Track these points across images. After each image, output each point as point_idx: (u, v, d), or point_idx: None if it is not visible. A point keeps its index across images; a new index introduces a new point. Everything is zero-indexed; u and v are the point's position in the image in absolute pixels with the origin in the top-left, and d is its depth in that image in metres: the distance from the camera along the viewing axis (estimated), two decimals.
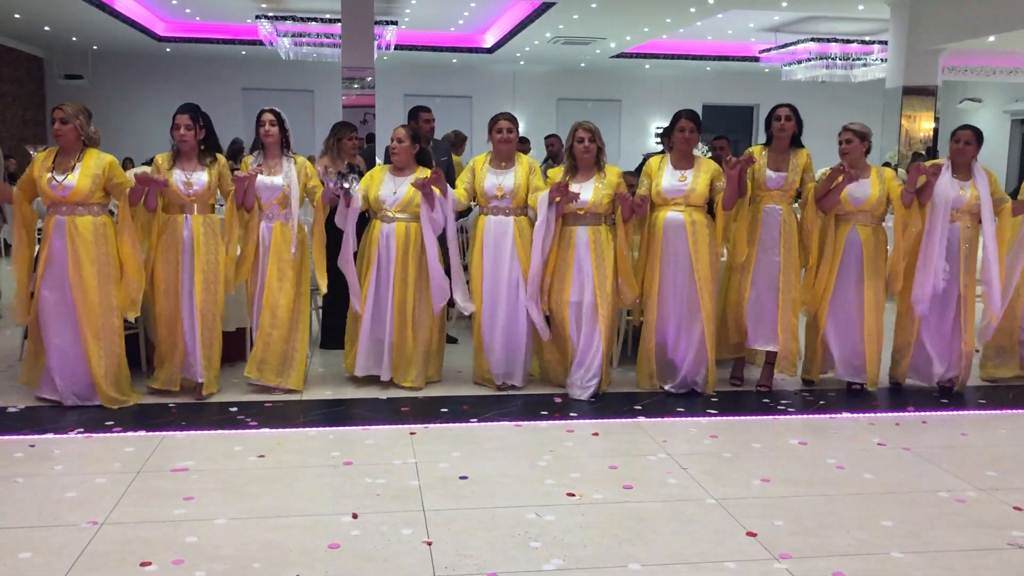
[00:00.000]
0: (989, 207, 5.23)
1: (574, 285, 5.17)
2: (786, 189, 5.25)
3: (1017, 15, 10.97)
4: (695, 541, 3.31)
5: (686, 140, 5.19)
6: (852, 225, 5.27)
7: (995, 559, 3.21)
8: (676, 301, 5.22)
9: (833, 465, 4.17)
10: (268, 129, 5.16)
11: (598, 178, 5.17)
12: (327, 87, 18.55)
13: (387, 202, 5.21)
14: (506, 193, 5.23)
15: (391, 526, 3.38)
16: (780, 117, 5.27)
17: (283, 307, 5.13)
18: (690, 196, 5.14)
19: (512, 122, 5.32)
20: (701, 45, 18.45)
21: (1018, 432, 4.76)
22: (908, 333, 5.44)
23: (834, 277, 5.30)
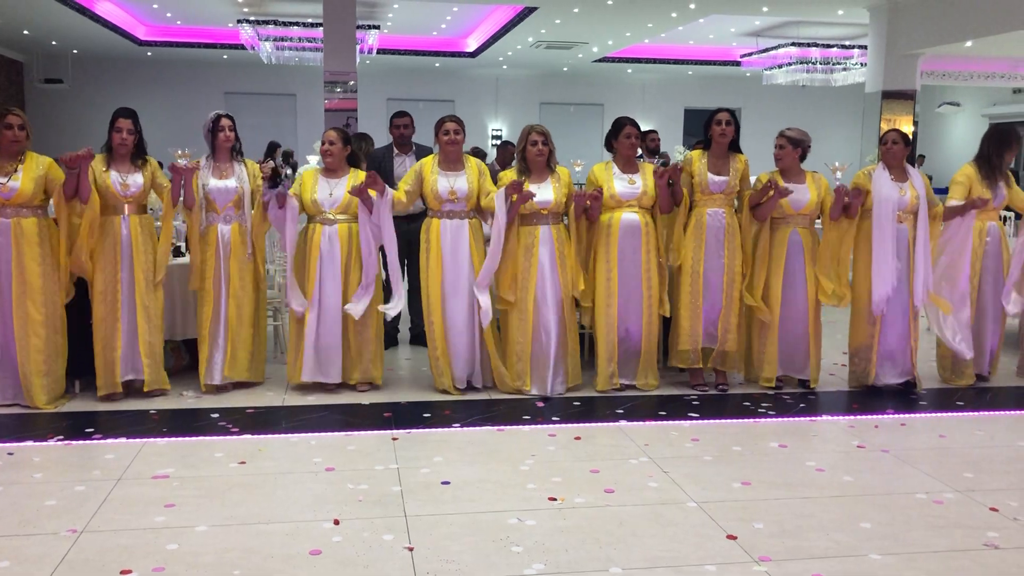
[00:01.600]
0: (925, 205, 5.39)
1: (538, 284, 5.25)
2: (728, 192, 5.35)
3: (993, 20, 11.10)
4: (676, 544, 3.33)
5: (632, 146, 5.37)
6: (793, 228, 5.39)
7: (971, 560, 3.24)
8: (630, 301, 5.34)
9: (813, 468, 4.20)
10: (228, 134, 5.26)
11: (553, 179, 5.31)
12: (310, 91, 18.51)
13: (325, 204, 5.26)
14: (460, 196, 5.29)
15: (373, 532, 3.38)
16: (721, 122, 5.36)
17: (247, 304, 5.30)
18: (642, 198, 5.31)
19: (458, 124, 5.40)
20: (683, 49, 18.54)
21: (995, 434, 4.82)
22: (868, 335, 5.51)
23: (780, 279, 5.38)
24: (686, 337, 5.42)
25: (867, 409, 5.22)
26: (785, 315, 5.45)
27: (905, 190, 5.39)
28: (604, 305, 5.35)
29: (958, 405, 5.36)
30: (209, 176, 5.24)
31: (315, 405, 5.13)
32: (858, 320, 5.56)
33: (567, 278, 5.30)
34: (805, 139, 5.44)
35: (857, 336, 5.59)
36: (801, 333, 5.48)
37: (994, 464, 4.32)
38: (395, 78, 19.94)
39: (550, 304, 5.28)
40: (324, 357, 5.31)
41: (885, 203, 5.33)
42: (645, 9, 13.21)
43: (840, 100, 19.67)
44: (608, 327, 5.36)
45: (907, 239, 5.42)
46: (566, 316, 5.34)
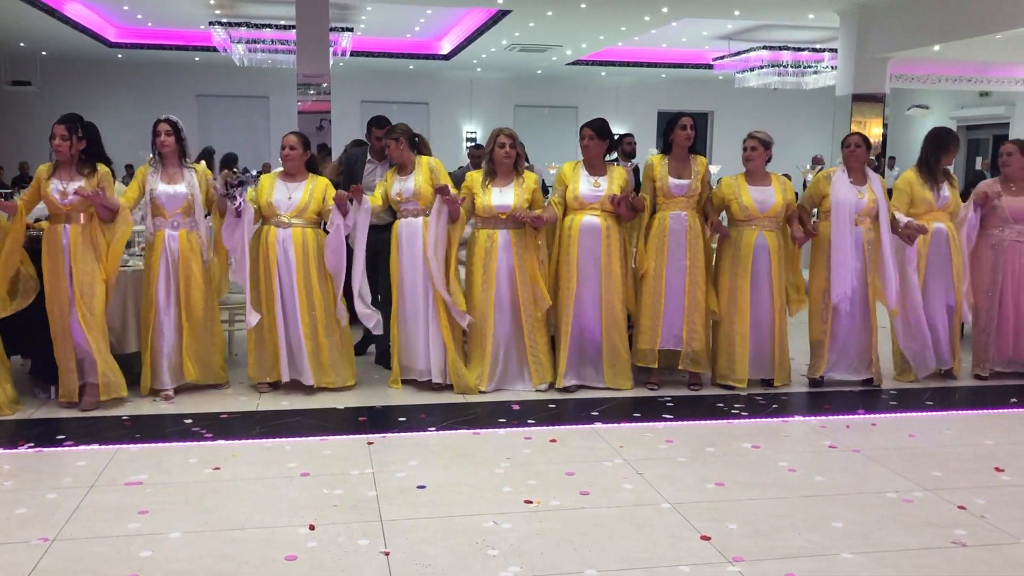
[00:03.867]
0: (885, 208, 5.49)
1: (497, 288, 5.30)
2: (690, 195, 5.42)
3: (959, 25, 11.28)
4: (650, 546, 3.35)
5: (585, 147, 5.43)
6: (759, 230, 5.46)
7: (940, 557, 3.30)
8: (590, 303, 5.38)
9: (785, 468, 4.25)
10: (164, 139, 5.18)
11: (517, 183, 5.34)
12: (283, 93, 18.43)
13: (281, 207, 5.25)
14: (407, 196, 5.37)
15: (348, 537, 3.38)
16: (686, 126, 5.43)
17: (197, 311, 5.23)
18: (605, 202, 5.34)
19: (386, 129, 5.56)
20: (656, 52, 18.65)
21: (963, 433, 4.89)
22: (820, 332, 5.63)
23: (747, 282, 5.45)
24: (645, 337, 5.47)
25: (838, 410, 5.28)
26: (753, 317, 5.51)
27: (863, 193, 5.48)
28: (563, 306, 5.41)
29: (927, 405, 5.44)
30: (158, 181, 5.17)
31: (290, 410, 5.11)
32: (812, 315, 5.69)
33: (528, 283, 5.33)
34: (772, 141, 5.54)
35: (813, 331, 5.71)
36: (767, 334, 5.55)
37: (962, 463, 4.38)
38: (369, 80, 19.89)
39: (507, 309, 5.34)
40: (296, 360, 5.32)
41: (843, 205, 5.45)
42: (617, 13, 13.29)
43: (811, 103, 19.88)
44: (566, 327, 5.40)
45: (863, 241, 5.51)
46: (527, 320, 5.36)
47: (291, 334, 5.29)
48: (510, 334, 5.41)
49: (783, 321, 5.59)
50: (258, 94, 19.79)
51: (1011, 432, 4.94)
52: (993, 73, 15.92)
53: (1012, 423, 5.13)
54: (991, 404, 5.49)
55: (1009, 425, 5.09)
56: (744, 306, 5.48)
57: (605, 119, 5.56)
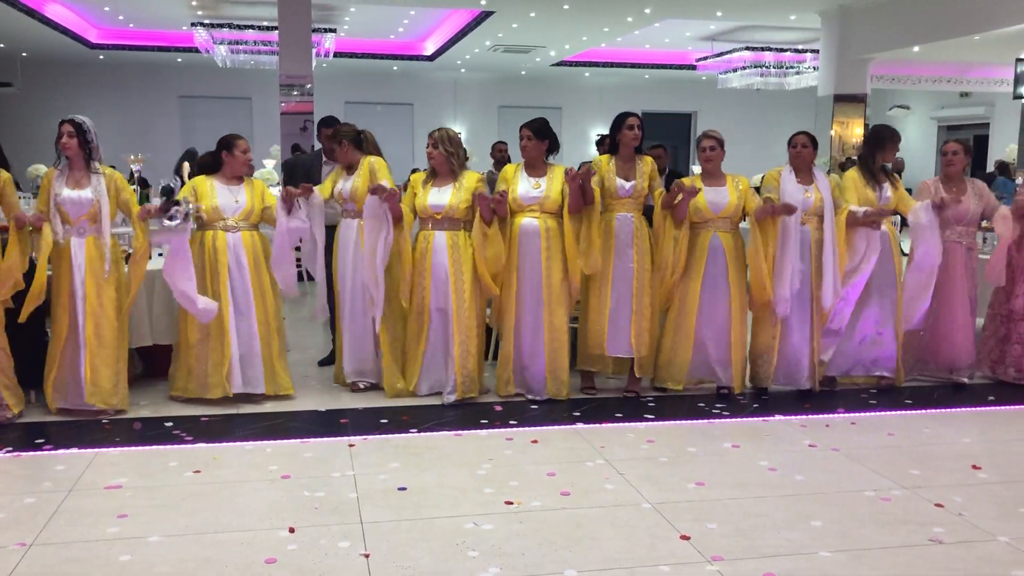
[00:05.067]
0: (831, 208, 5.45)
1: (432, 289, 5.26)
2: (636, 196, 5.37)
3: (938, 27, 11.38)
4: (630, 546, 3.37)
5: (523, 148, 5.38)
6: (713, 232, 5.41)
7: (917, 555, 3.32)
8: (531, 307, 5.33)
9: (765, 467, 4.27)
10: (66, 141, 4.89)
11: (456, 184, 5.30)
12: (265, 94, 18.37)
13: (228, 211, 5.17)
14: (345, 197, 5.41)
15: (329, 539, 3.37)
16: (633, 126, 5.39)
17: (107, 324, 4.94)
18: (544, 203, 5.29)
19: (335, 131, 5.57)
20: (639, 53, 18.71)
21: (941, 431, 4.93)
22: (769, 336, 5.52)
23: (699, 284, 5.40)
24: (593, 342, 5.42)
25: (819, 409, 5.31)
26: (705, 320, 5.44)
27: (810, 192, 5.44)
28: (505, 311, 5.37)
29: (907, 404, 5.48)
30: (63, 186, 4.90)
31: (271, 412, 5.09)
32: (762, 322, 5.56)
33: (464, 286, 5.28)
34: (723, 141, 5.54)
35: (761, 338, 5.59)
36: (722, 338, 5.45)
37: (940, 461, 4.42)
38: (353, 81, 19.86)
39: (441, 312, 5.26)
40: (252, 368, 5.20)
41: None
42: (600, 13, 13.33)
43: (793, 103, 19.97)
44: (506, 332, 5.37)
45: (810, 241, 5.45)
46: (460, 325, 5.27)
47: (243, 342, 5.17)
48: (443, 338, 5.30)
49: (741, 324, 5.52)
50: (241, 95, 19.73)
51: (989, 430, 4.99)
52: (972, 74, 16.07)
53: (990, 421, 5.18)
54: (969, 402, 5.54)
55: (987, 423, 5.14)
56: (692, 308, 5.42)
57: (545, 119, 5.49)
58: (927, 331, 5.89)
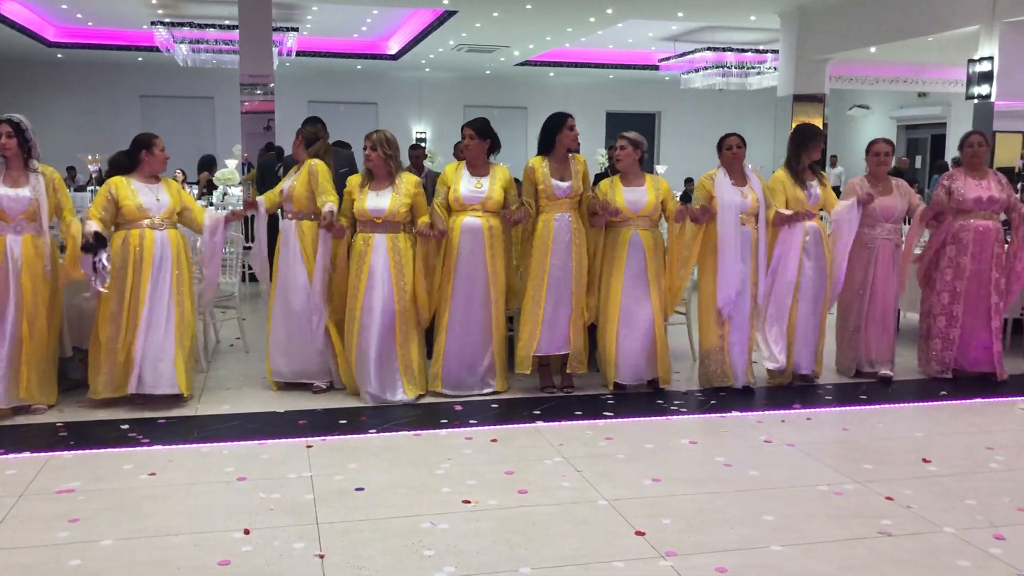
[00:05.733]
0: (763, 207, 5.56)
1: (366, 291, 5.25)
2: (572, 196, 5.41)
3: (894, 28, 11.57)
4: (586, 542, 3.39)
5: (465, 147, 5.41)
6: (633, 229, 5.47)
7: (865, 547, 3.38)
8: (471, 305, 5.36)
9: (721, 463, 4.32)
10: (5, 142, 4.88)
11: (394, 187, 5.30)
12: (228, 94, 18.21)
13: (153, 210, 5.14)
14: (285, 198, 5.44)
15: (283, 540, 3.36)
16: (573, 127, 5.45)
17: (40, 322, 4.95)
18: (487, 203, 5.33)
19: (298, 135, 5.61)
20: (603, 54, 18.81)
21: (894, 426, 5.02)
22: (716, 336, 5.58)
23: (621, 281, 5.46)
24: (524, 343, 5.42)
25: (775, 405, 5.38)
26: (626, 318, 5.48)
27: (746, 193, 5.51)
28: (441, 308, 5.39)
29: (861, 399, 5.56)
30: (0, 184, 4.90)
31: (228, 414, 5.06)
32: (707, 323, 5.62)
33: (405, 288, 5.29)
34: (643, 141, 5.60)
35: (708, 339, 5.64)
36: (645, 334, 5.51)
37: (892, 455, 4.50)
38: (316, 80, 19.77)
39: (377, 313, 5.24)
40: (160, 368, 5.10)
41: (728, 207, 5.42)
42: (563, 13, 13.38)
43: (755, 103, 20.20)
44: (439, 330, 5.39)
45: (751, 241, 5.52)
46: (401, 327, 5.28)
47: (156, 342, 5.09)
48: (385, 340, 5.27)
49: (658, 320, 5.56)
50: (203, 95, 19.56)
51: (940, 424, 5.09)
52: (928, 75, 16.34)
53: (942, 415, 5.27)
54: (922, 397, 5.63)
55: (939, 417, 5.23)
56: (615, 306, 5.47)
57: (486, 118, 5.50)
58: (855, 327, 6.01)
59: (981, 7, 10.40)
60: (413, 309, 5.35)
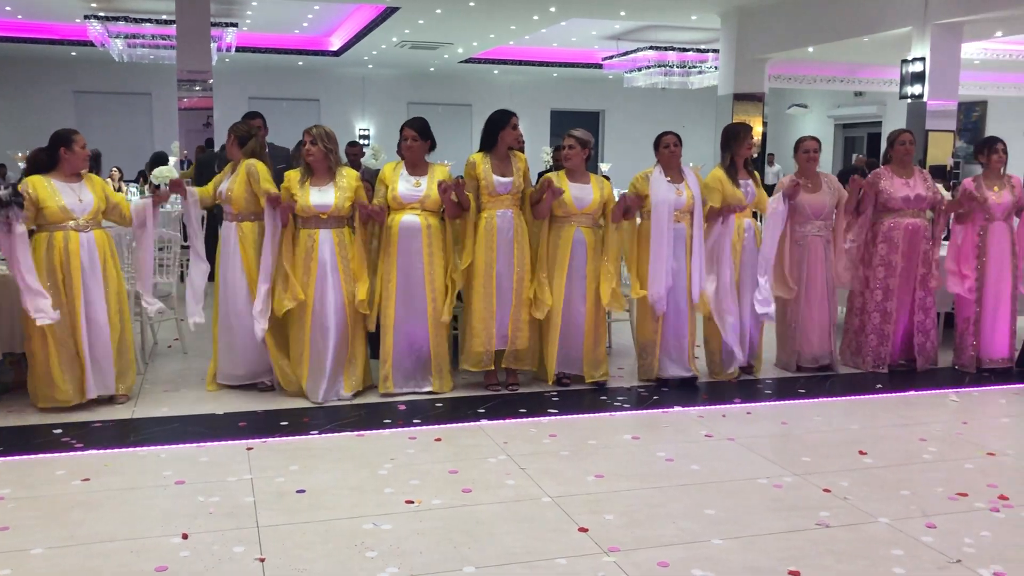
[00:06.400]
0: (699, 205, 5.64)
1: (317, 287, 5.22)
2: (514, 192, 5.45)
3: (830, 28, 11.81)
4: (529, 540, 3.39)
5: (408, 148, 5.40)
6: (576, 226, 5.54)
7: (804, 539, 3.44)
8: (411, 303, 5.37)
9: (663, 458, 4.36)
10: None
11: (336, 182, 5.28)
12: (166, 90, 17.78)
13: (76, 210, 5.00)
14: (223, 199, 5.38)
15: (223, 545, 3.30)
16: (516, 126, 5.48)
17: None
18: (425, 201, 5.34)
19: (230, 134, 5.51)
20: (547, 52, 18.85)
21: (832, 419, 5.12)
22: (652, 331, 5.67)
23: (564, 277, 5.52)
24: (479, 339, 5.44)
25: (716, 399, 5.45)
26: (568, 312, 5.56)
27: (681, 191, 5.59)
28: (384, 308, 5.37)
29: (800, 393, 5.66)
30: None
31: (166, 416, 4.96)
32: (643, 317, 5.71)
33: (351, 282, 5.28)
34: (591, 140, 5.67)
35: (643, 332, 5.74)
36: (582, 328, 5.58)
37: (829, 447, 4.59)
38: (257, 76, 19.48)
39: (330, 308, 5.22)
40: (102, 371, 5.04)
41: (662, 204, 5.50)
42: (507, 11, 13.38)
43: (698, 102, 20.43)
44: (385, 330, 5.37)
45: (685, 238, 5.60)
46: (350, 320, 5.29)
47: (95, 345, 5.00)
48: (332, 335, 5.25)
49: (599, 315, 5.66)
50: (140, 91, 19.13)
51: (876, 417, 5.20)
52: (864, 74, 16.72)
53: (877, 408, 5.39)
54: (859, 390, 5.76)
55: (874, 410, 5.35)
56: (558, 302, 5.52)
57: (425, 119, 5.50)
58: (792, 322, 6.12)
59: (913, 9, 10.66)
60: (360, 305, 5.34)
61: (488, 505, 3.73)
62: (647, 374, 5.75)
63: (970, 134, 19.14)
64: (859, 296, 6.21)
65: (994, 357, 6.20)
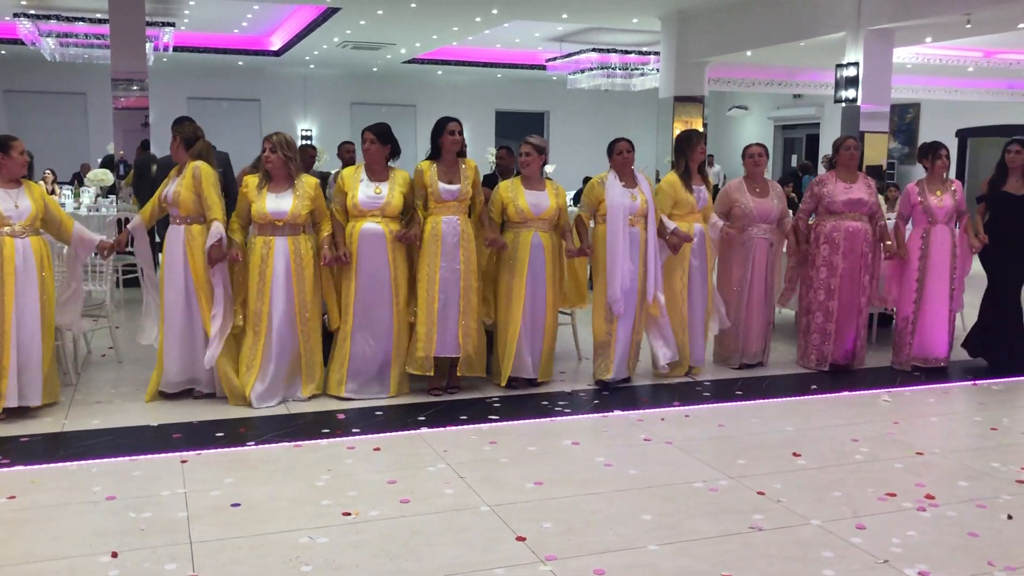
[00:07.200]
0: (652, 209, 5.75)
1: (272, 294, 5.20)
2: (461, 199, 5.48)
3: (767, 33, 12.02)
4: (467, 550, 3.39)
5: (366, 151, 5.41)
6: (534, 231, 5.62)
7: (738, 542, 3.49)
8: (373, 310, 5.39)
9: (602, 463, 4.39)
10: None
11: (293, 189, 5.27)
12: (102, 90, 17.37)
13: (13, 216, 4.92)
14: (169, 202, 5.31)
15: (154, 562, 3.24)
16: (453, 131, 5.49)
17: None
18: (386, 208, 5.36)
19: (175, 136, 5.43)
20: (491, 53, 18.85)
21: (768, 421, 5.21)
22: (605, 333, 5.76)
23: (523, 281, 5.58)
24: (422, 344, 5.45)
25: (655, 403, 5.51)
26: (531, 315, 5.63)
27: (635, 195, 5.69)
28: (344, 314, 5.39)
29: (737, 395, 5.75)
30: None
31: (98, 429, 4.84)
32: (597, 319, 5.80)
33: (305, 290, 5.27)
34: (546, 146, 5.75)
35: (597, 334, 5.83)
36: (541, 331, 5.69)
37: (764, 450, 4.66)
38: (196, 76, 19.16)
39: (283, 315, 5.22)
40: (29, 379, 4.93)
41: (617, 208, 5.61)
42: (449, 13, 13.34)
43: (640, 104, 20.63)
44: (344, 335, 5.38)
45: (639, 241, 5.70)
46: (303, 327, 5.29)
47: (24, 352, 4.90)
48: (286, 341, 5.26)
49: (555, 319, 5.77)
50: (74, 90, 18.68)
51: (810, 418, 5.30)
52: (801, 77, 17.04)
53: (812, 409, 5.50)
54: (794, 392, 5.87)
55: (809, 411, 5.45)
56: (519, 306, 5.58)
57: (387, 124, 5.51)
58: (734, 322, 6.26)
59: (847, 15, 10.90)
60: (316, 311, 5.33)
61: (426, 516, 3.72)
62: (602, 374, 5.81)
63: (904, 135, 19.65)
64: (806, 296, 6.35)
65: (934, 356, 6.40)
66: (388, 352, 5.45)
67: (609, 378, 5.77)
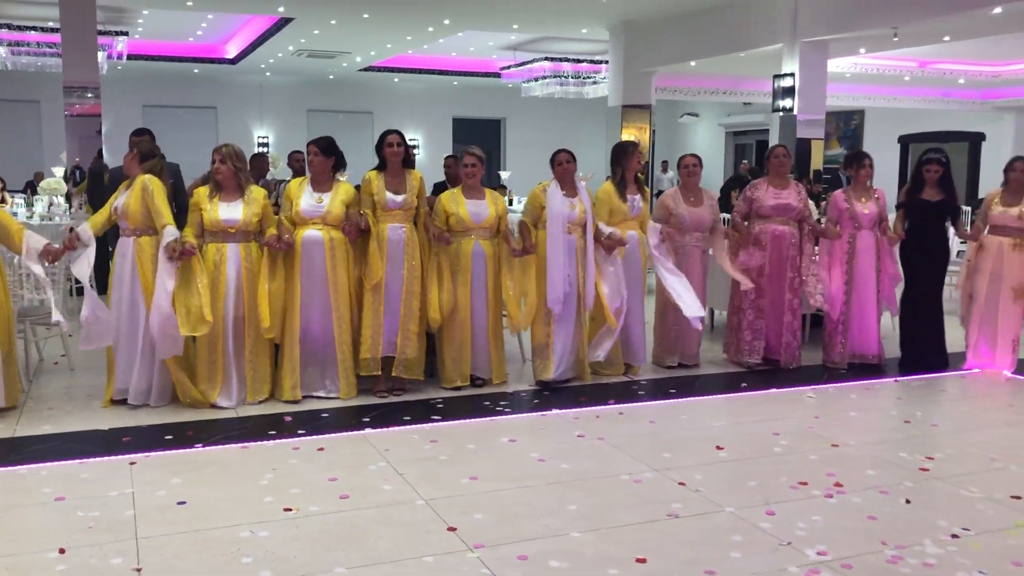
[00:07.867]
0: (591, 219, 6.03)
1: (225, 302, 5.41)
2: (407, 208, 5.72)
3: (709, 44, 12.40)
4: (400, 541, 3.60)
5: (310, 163, 5.66)
6: (475, 240, 5.88)
7: (655, 529, 3.74)
8: (315, 315, 5.60)
9: (536, 459, 4.62)
10: None
11: (244, 198, 5.47)
12: (54, 98, 17.28)
13: None
14: (119, 215, 5.43)
15: (101, 558, 3.41)
16: (393, 144, 5.71)
17: None
18: (327, 217, 5.59)
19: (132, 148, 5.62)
20: (447, 61, 19.06)
21: (696, 417, 5.47)
22: (544, 334, 6.02)
23: (468, 288, 5.84)
24: (367, 345, 5.67)
25: (592, 401, 5.75)
26: (473, 321, 5.90)
27: (575, 205, 5.97)
28: (289, 319, 5.58)
29: (671, 393, 6.01)
30: None
31: (49, 434, 4.97)
32: (537, 322, 6.06)
33: (254, 296, 5.45)
34: (483, 157, 6.02)
35: (536, 336, 6.10)
36: (483, 335, 5.95)
37: (690, 444, 4.93)
38: (152, 84, 19.14)
39: (233, 322, 5.44)
40: None
41: (557, 216, 5.88)
42: (401, 23, 13.54)
43: (592, 111, 20.93)
44: (291, 339, 5.58)
45: (576, 249, 5.97)
46: (250, 333, 5.49)
47: None
48: (235, 347, 5.47)
49: (498, 322, 6.03)
50: (27, 98, 18.57)
51: (738, 414, 5.58)
52: (746, 86, 17.48)
53: (740, 406, 5.78)
54: (725, 389, 6.15)
55: (737, 408, 5.73)
56: (466, 311, 5.86)
57: (332, 137, 5.74)
58: (675, 325, 6.53)
59: (783, 27, 11.30)
60: (267, 315, 5.47)
61: (364, 510, 3.92)
62: (542, 374, 6.05)
63: (849, 141, 20.19)
64: (736, 295, 6.65)
65: (865, 353, 6.74)
66: (334, 356, 5.65)
67: (549, 378, 6.01)
